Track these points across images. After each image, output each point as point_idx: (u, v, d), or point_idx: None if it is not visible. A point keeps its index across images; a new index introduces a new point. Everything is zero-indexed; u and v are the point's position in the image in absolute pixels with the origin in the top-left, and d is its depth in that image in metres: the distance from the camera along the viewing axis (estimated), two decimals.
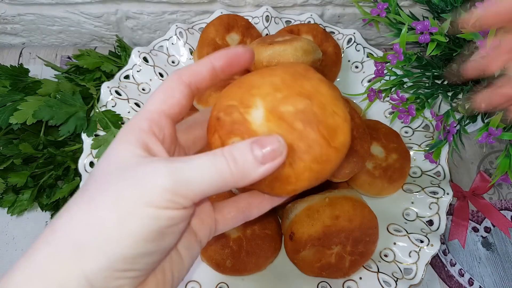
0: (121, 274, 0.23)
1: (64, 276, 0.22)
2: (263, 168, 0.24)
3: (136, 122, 0.27)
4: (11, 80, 0.56)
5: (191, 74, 0.29)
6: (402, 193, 0.55)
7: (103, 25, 0.70)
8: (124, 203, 0.23)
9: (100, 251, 0.22)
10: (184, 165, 0.23)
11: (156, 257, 0.24)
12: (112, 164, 0.25)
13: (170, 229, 0.24)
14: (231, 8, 0.68)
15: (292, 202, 0.47)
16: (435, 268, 0.55)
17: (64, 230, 0.23)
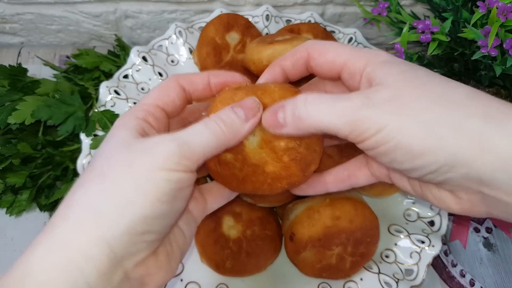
0: (140, 237, 0.24)
1: (86, 245, 0.23)
2: (248, 124, 0.29)
3: (132, 111, 0.29)
4: (9, 79, 0.55)
5: (188, 82, 0.32)
6: (403, 193, 0.54)
7: (102, 24, 0.69)
8: (137, 169, 0.25)
9: (120, 215, 0.24)
10: (183, 133, 0.27)
11: (169, 220, 0.26)
12: (114, 144, 0.27)
13: (180, 192, 0.26)
14: (231, 7, 0.67)
15: (292, 202, 0.46)
16: (436, 269, 0.54)
17: (81, 203, 0.25)
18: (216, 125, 0.28)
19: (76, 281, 0.23)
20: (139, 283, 0.26)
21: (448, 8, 0.51)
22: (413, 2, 0.66)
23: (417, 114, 0.25)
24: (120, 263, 0.24)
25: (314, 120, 0.28)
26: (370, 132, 0.26)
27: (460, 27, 0.50)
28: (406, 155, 0.26)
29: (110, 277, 0.24)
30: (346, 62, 0.30)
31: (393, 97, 0.26)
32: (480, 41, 0.45)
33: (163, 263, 0.27)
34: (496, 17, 0.43)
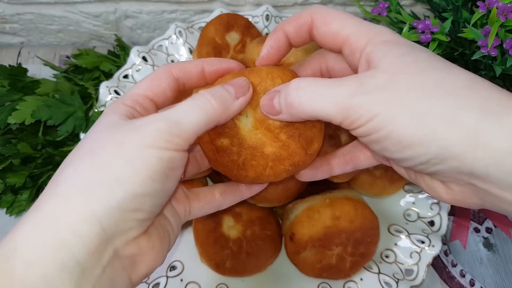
0: (130, 215, 0.24)
1: (76, 221, 0.23)
2: (238, 101, 0.29)
3: (120, 100, 0.29)
4: (9, 79, 0.55)
5: (181, 70, 0.31)
6: (403, 193, 0.54)
7: (102, 24, 0.69)
8: (128, 147, 0.24)
9: (111, 191, 0.23)
10: (173, 111, 0.26)
11: (159, 200, 0.26)
12: (103, 125, 0.27)
13: (171, 172, 0.26)
14: (231, 7, 0.67)
15: (292, 202, 0.46)
16: (436, 269, 0.54)
17: (70, 179, 0.24)
18: (206, 100, 0.27)
19: (65, 260, 0.22)
20: (130, 262, 0.26)
21: (448, 8, 0.50)
22: (413, 2, 0.66)
23: (411, 104, 0.25)
24: (111, 240, 0.24)
25: (306, 107, 0.27)
26: (362, 120, 0.26)
27: (460, 27, 0.50)
28: (396, 145, 0.25)
29: (100, 255, 0.23)
30: (348, 36, 0.29)
31: (388, 84, 0.25)
32: (480, 41, 0.45)
33: (156, 244, 0.27)
34: (496, 17, 0.43)
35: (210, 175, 0.54)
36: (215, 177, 0.54)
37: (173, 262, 0.48)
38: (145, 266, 0.27)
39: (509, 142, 0.23)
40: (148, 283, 0.46)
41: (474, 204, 0.27)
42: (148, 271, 0.27)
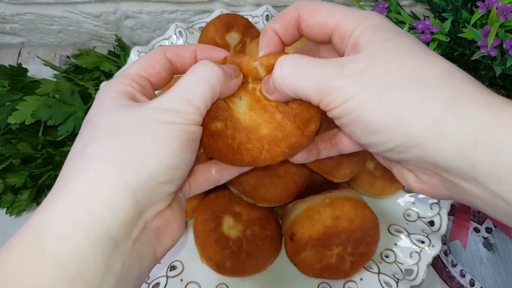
0: (162, 187, 0.25)
1: (110, 195, 0.23)
2: (233, 81, 0.30)
3: (117, 79, 0.29)
4: (9, 79, 0.55)
5: (175, 53, 0.31)
6: (403, 193, 0.54)
7: (102, 24, 0.69)
8: (151, 123, 0.25)
9: (144, 163, 0.24)
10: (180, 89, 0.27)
11: (185, 171, 0.27)
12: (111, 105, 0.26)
13: (194, 143, 0.27)
14: (231, 7, 0.67)
15: (292, 202, 0.46)
16: (436, 269, 0.54)
17: (99, 154, 0.24)
18: (211, 70, 0.28)
19: (99, 234, 0.22)
20: (156, 235, 0.26)
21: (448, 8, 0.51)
22: (413, 2, 0.66)
23: (383, 90, 0.25)
24: (142, 213, 0.24)
25: (288, 84, 0.28)
26: (337, 102, 0.26)
27: (460, 27, 0.50)
28: (363, 129, 0.26)
29: (132, 228, 0.23)
30: (337, 24, 0.29)
31: (366, 69, 0.26)
32: (480, 41, 0.45)
33: (177, 215, 0.28)
34: (496, 17, 0.43)
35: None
36: None
37: (173, 262, 0.48)
38: (169, 238, 0.27)
39: (474, 135, 0.23)
40: (148, 283, 0.46)
41: (442, 195, 0.27)
42: (172, 243, 0.28)
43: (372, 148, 0.27)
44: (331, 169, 0.45)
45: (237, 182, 0.47)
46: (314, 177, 0.50)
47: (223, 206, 0.49)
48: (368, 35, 0.27)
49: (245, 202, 0.49)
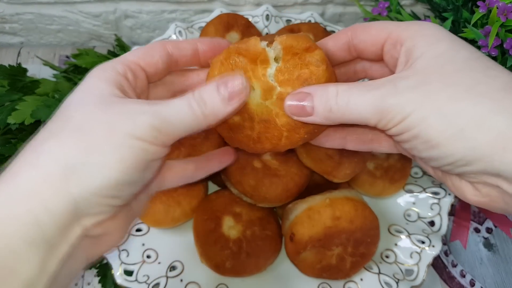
0: (107, 201, 0.24)
1: (50, 197, 0.23)
2: (230, 106, 0.28)
3: (112, 64, 0.29)
4: (9, 79, 0.55)
5: (175, 47, 0.31)
6: (404, 193, 0.54)
7: (102, 24, 0.69)
8: (118, 134, 0.24)
9: (94, 175, 0.23)
10: (164, 108, 0.26)
11: (137, 188, 0.26)
12: (93, 97, 0.26)
13: (152, 163, 0.26)
14: (231, 7, 0.67)
15: (292, 202, 0.46)
16: (436, 269, 0.54)
17: (53, 153, 0.24)
18: (198, 107, 0.27)
19: (34, 235, 0.22)
20: (93, 242, 0.26)
21: (448, 8, 0.50)
22: (413, 2, 0.66)
23: (442, 104, 0.25)
24: (80, 220, 0.24)
25: (344, 113, 0.28)
26: (395, 120, 0.26)
27: (460, 27, 0.50)
28: (424, 144, 0.26)
29: (68, 233, 0.24)
30: (390, 34, 0.29)
31: (421, 84, 0.26)
32: (481, 41, 0.45)
33: (120, 225, 0.28)
34: (496, 17, 0.43)
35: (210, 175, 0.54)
36: (215, 177, 0.54)
37: (173, 262, 0.48)
38: (105, 246, 0.27)
39: None
40: (148, 283, 0.46)
41: (499, 208, 0.27)
42: (108, 249, 0.28)
43: (432, 162, 0.27)
44: (331, 169, 0.45)
45: (237, 182, 0.47)
46: (314, 177, 0.50)
47: (223, 206, 0.48)
48: (422, 48, 0.27)
49: (245, 202, 0.49)
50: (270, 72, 0.30)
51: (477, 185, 0.27)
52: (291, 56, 0.30)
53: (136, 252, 0.48)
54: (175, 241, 0.50)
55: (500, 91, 0.24)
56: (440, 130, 0.25)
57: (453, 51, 0.27)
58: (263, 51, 0.30)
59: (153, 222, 0.49)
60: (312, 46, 0.30)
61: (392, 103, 0.26)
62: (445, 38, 0.27)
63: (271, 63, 0.30)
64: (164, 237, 0.50)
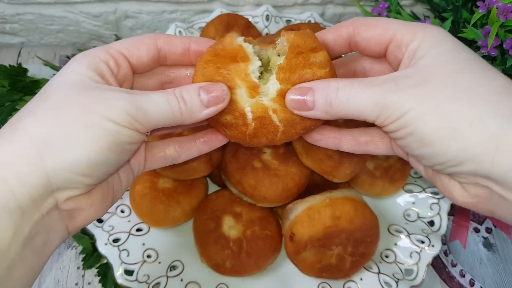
0: (79, 178, 0.25)
1: (24, 169, 0.24)
2: (207, 111, 0.29)
3: (96, 51, 0.29)
4: (9, 79, 0.55)
5: (167, 42, 0.32)
6: (403, 193, 0.54)
7: (102, 24, 0.69)
8: (93, 115, 0.25)
9: (66, 152, 0.25)
10: (143, 98, 0.27)
11: (110, 169, 0.27)
12: (71, 81, 0.27)
13: (127, 146, 0.27)
14: (231, 7, 0.67)
15: (292, 202, 0.46)
16: (436, 269, 0.54)
17: (29, 129, 0.25)
18: (177, 102, 0.28)
19: (7, 201, 0.23)
20: (68, 215, 0.27)
21: (448, 8, 0.51)
22: (413, 2, 0.66)
23: (439, 104, 0.25)
24: (53, 193, 0.25)
25: (344, 107, 0.28)
26: (393, 117, 0.26)
27: (460, 27, 0.50)
28: (418, 142, 0.26)
29: (40, 203, 0.25)
30: (395, 34, 0.29)
31: (421, 82, 0.26)
32: (480, 41, 0.45)
33: (95, 202, 0.28)
34: (496, 17, 0.43)
35: (210, 175, 0.54)
36: (215, 177, 0.54)
37: (173, 262, 0.48)
38: (82, 220, 0.28)
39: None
40: (148, 283, 0.46)
41: (486, 210, 0.28)
42: (84, 224, 0.29)
43: (424, 160, 0.28)
44: (331, 169, 0.45)
45: (237, 182, 0.47)
46: (314, 177, 0.51)
47: (223, 206, 0.49)
48: (425, 48, 0.27)
49: (245, 202, 0.49)
50: (253, 69, 0.30)
51: (466, 186, 0.27)
52: (295, 55, 0.30)
53: (136, 252, 0.48)
54: (176, 241, 0.50)
55: (496, 94, 0.25)
56: (435, 129, 0.25)
57: (454, 52, 0.27)
58: (240, 48, 0.30)
59: (154, 222, 0.50)
60: (318, 47, 0.30)
61: (393, 100, 0.26)
62: (447, 40, 0.28)
63: (252, 59, 0.30)
64: (164, 237, 0.50)
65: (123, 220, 0.50)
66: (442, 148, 0.25)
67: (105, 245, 0.47)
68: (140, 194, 0.49)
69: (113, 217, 0.50)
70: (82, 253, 0.52)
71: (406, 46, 0.29)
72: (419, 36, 0.28)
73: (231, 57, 0.30)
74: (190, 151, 0.35)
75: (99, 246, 0.47)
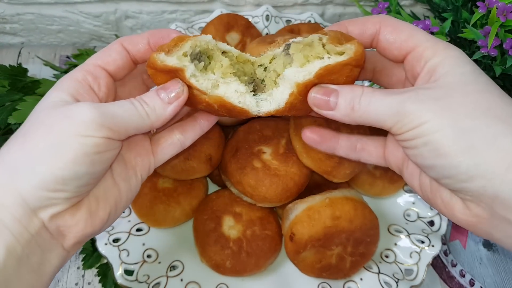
0: (53, 194, 0.27)
1: (1, 194, 0.26)
2: (171, 107, 0.30)
3: (72, 73, 0.31)
4: (9, 79, 0.55)
5: (130, 43, 0.33)
6: (403, 193, 0.55)
7: (102, 24, 0.69)
8: (56, 133, 0.26)
9: (33, 171, 0.26)
10: (109, 104, 0.28)
11: (85, 181, 0.28)
12: (43, 107, 0.29)
13: (97, 156, 0.27)
14: (231, 7, 0.67)
15: (292, 202, 0.47)
16: (436, 269, 0.54)
17: (2, 157, 0.27)
18: (140, 104, 0.30)
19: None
20: (58, 233, 0.28)
21: (448, 8, 0.51)
22: (413, 2, 0.66)
23: (459, 119, 0.26)
24: (35, 212, 0.27)
25: (364, 112, 0.29)
26: (411, 125, 0.27)
27: (460, 27, 0.50)
28: (432, 152, 0.27)
29: (26, 223, 0.26)
30: (416, 46, 0.30)
31: (443, 97, 0.27)
32: (480, 41, 0.45)
33: (82, 218, 0.29)
34: (496, 17, 0.43)
35: (210, 175, 0.54)
36: (215, 177, 0.54)
37: (173, 262, 0.48)
38: (73, 237, 0.29)
39: None
40: (148, 283, 0.46)
41: (483, 231, 0.28)
42: (77, 241, 0.29)
43: (433, 172, 0.28)
44: (331, 169, 0.45)
45: (237, 182, 0.47)
46: (314, 177, 0.51)
47: (223, 206, 0.49)
48: (448, 66, 0.28)
49: (245, 202, 0.49)
50: (189, 73, 0.31)
51: (469, 204, 0.28)
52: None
53: (136, 252, 0.48)
54: (176, 241, 0.50)
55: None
56: (452, 142, 0.26)
57: (475, 74, 0.28)
58: (165, 64, 0.30)
59: (154, 222, 0.50)
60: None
61: (412, 108, 0.27)
62: (469, 62, 0.29)
63: (185, 67, 0.30)
64: (164, 237, 0.50)
65: (123, 220, 0.50)
66: (455, 161, 0.26)
67: (105, 245, 0.47)
68: (140, 194, 0.49)
69: None
70: (82, 253, 0.52)
71: (425, 61, 0.29)
72: (441, 54, 0.29)
73: (169, 71, 0.30)
74: (194, 131, 0.36)
75: (99, 246, 0.47)
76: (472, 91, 0.27)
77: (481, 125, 0.26)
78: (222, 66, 0.32)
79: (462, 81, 0.28)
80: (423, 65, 0.30)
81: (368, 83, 0.61)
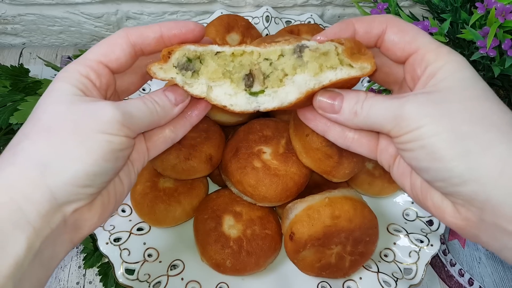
0: (81, 189, 0.27)
1: (29, 189, 0.26)
2: (177, 108, 0.33)
3: (75, 66, 0.31)
4: (11, 80, 0.56)
5: (139, 36, 0.32)
6: (402, 193, 0.55)
7: (104, 25, 0.70)
8: (84, 130, 0.27)
9: (65, 169, 0.27)
10: (125, 103, 0.30)
11: (108, 177, 0.29)
12: (58, 98, 0.29)
13: (120, 153, 0.29)
14: (231, 8, 0.68)
15: (292, 202, 0.47)
16: (435, 268, 0.55)
17: (27, 152, 0.27)
18: (151, 103, 0.31)
19: (18, 219, 0.25)
20: (74, 227, 0.29)
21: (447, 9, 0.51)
22: (412, 3, 0.66)
23: (456, 124, 0.26)
24: (60, 207, 0.27)
25: (365, 116, 0.30)
26: (409, 128, 0.28)
27: (458, 28, 0.50)
28: (429, 155, 0.27)
29: (50, 218, 0.27)
30: (419, 48, 0.30)
31: (441, 101, 0.27)
32: (479, 42, 0.45)
33: (97, 212, 0.30)
34: (494, 18, 0.43)
35: (210, 175, 0.54)
36: (215, 177, 0.55)
37: (174, 261, 0.48)
38: (86, 230, 0.30)
39: None
40: (149, 282, 0.46)
41: (471, 234, 0.28)
42: (88, 233, 0.31)
43: (426, 174, 0.29)
44: (331, 169, 0.45)
45: (238, 182, 0.47)
46: (314, 177, 0.51)
47: (223, 206, 0.49)
48: (448, 71, 0.29)
49: (245, 201, 0.49)
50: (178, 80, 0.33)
51: (459, 208, 0.28)
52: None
53: (137, 251, 0.48)
54: (176, 240, 0.50)
55: (507, 124, 0.27)
56: (448, 146, 0.26)
57: (474, 80, 0.29)
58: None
59: (154, 222, 0.50)
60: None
61: (410, 111, 0.28)
62: (469, 68, 0.29)
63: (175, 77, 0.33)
64: (165, 236, 0.50)
65: (124, 220, 0.50)
66: (450, 165, 0.26)
67: (106, 245, 0.48)
68: (141, 193, 0.49)
69: (114, 217, 0.50)
70: (83, 252, 0.52)
71: (427, 64, 0.30)
72: (443, 59, 0.29)
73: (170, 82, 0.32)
74: (184, 126, 0.37)
75: (100, 245, 0.48)
76: (470, 97, 0.28)
77: (477, 131, 0.26)
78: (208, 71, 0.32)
79: (461, 86, 0.28)
80: (424, 68, 0.30)
81: (368, 82, 0.62)
